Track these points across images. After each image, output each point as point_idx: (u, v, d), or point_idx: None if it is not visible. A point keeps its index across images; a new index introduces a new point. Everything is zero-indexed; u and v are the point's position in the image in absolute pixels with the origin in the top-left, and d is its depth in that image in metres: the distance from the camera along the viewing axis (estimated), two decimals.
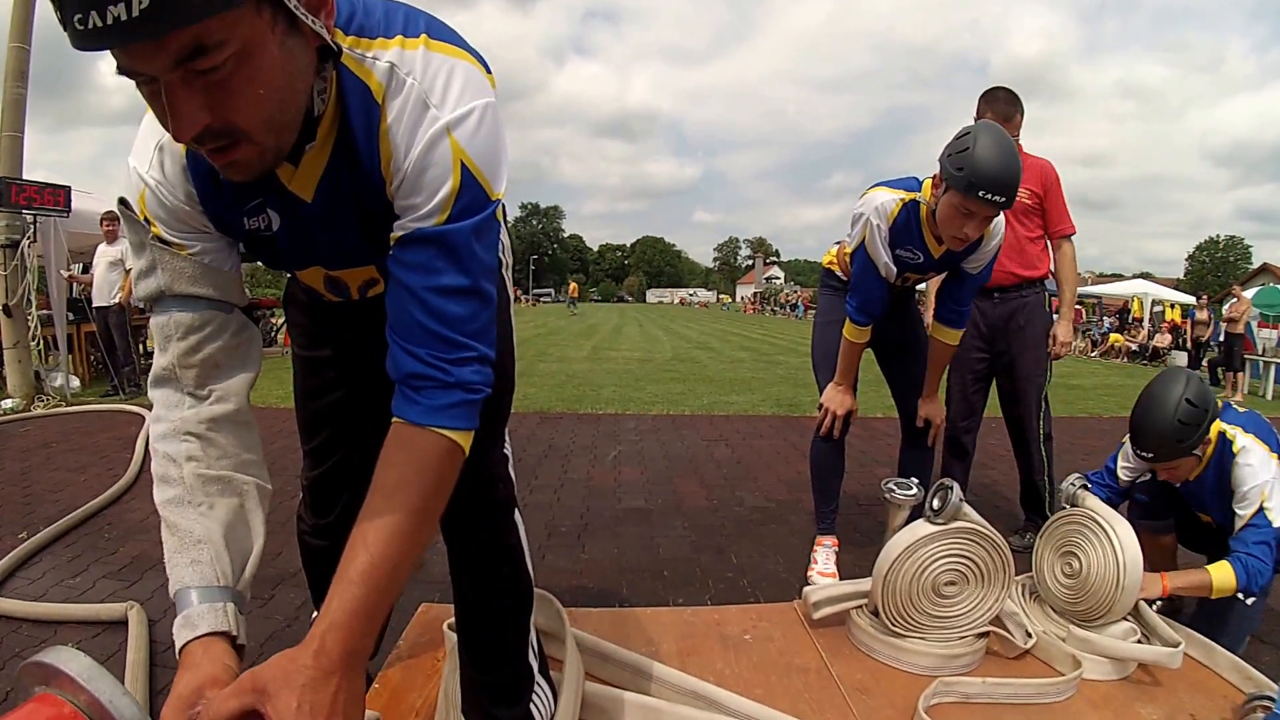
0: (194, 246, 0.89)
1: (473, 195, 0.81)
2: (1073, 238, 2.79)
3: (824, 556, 2.47)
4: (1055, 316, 2.84)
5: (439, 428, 0.81)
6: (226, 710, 0.66)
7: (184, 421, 0.89)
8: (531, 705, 1.28)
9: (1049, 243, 2.82)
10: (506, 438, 1.28)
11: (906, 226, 2.12)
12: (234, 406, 0.92)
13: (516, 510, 1.29)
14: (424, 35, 0.81)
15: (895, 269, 2.16)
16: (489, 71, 0.86)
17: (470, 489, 1.04)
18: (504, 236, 1.14)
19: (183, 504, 0.87)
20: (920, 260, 2.15)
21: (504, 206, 0.90)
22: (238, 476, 0.90)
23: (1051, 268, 2.84)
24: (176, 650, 0.76)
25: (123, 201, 0.89)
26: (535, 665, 1.31)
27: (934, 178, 2.00)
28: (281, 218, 0.90)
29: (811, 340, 2.58)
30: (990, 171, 1.79)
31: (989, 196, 1.80)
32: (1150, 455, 1.80)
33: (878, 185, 2.16)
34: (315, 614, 1.54)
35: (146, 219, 0.88)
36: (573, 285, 38.86)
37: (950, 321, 2.32)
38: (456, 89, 0.80)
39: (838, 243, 2.54)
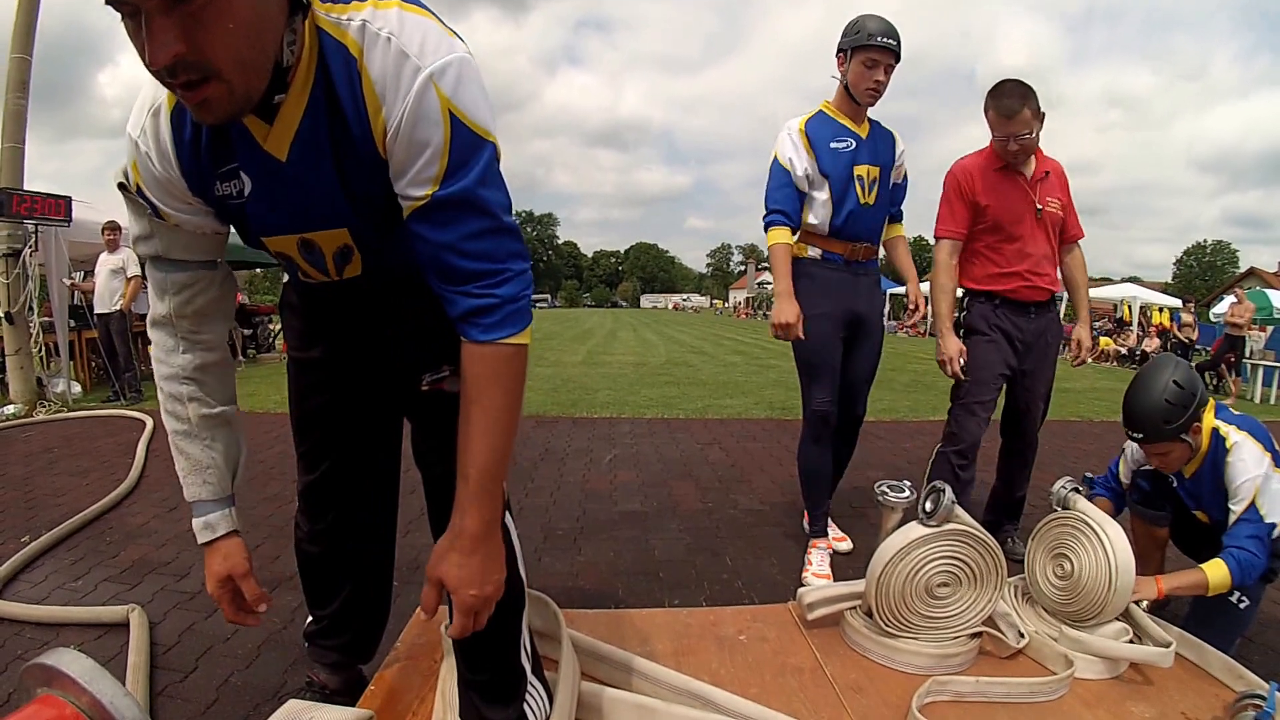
0: (182, 218, 1.01)
1: (465, 142, 0.88)
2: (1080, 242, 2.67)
3: (818, 559, 2.50)
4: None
5: (500, 340, 0.94)
6: (428, 599, 0.95)
7: (182, 368, 1.11)
8: (525, 705, 1.30)
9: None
10: None
11: (824, 124, 2.45)
12: (220, 355, 1.15)
13: (508, 513, 1.31)
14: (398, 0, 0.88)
15: (840, 173, 2.40)
16: (461, 40, 0.91)
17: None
18: None
19: (191, 437, 1.12)
20: (855, 145, 2.43)
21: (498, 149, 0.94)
22: (227, 410, 1.16)
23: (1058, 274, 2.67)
24: (199, 541, 1.11)
25: (121, 185, 1.00)
26: (528, 666, 1.33)
27: (838, 62, 2.41)
28: (254, 181, 0.96)
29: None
30: (877, 25, 2.30)
31: (883, 41, 2.28)
32: (1140, 435, 1.84)
33: None
34: (310, 619, 1.58)
35: (140, 188, 0.98)
36: None
37: (895, 219, 2.70)
38: (433, 42, 0.86)
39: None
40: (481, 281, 0.92)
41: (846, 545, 2.74)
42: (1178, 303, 16.67)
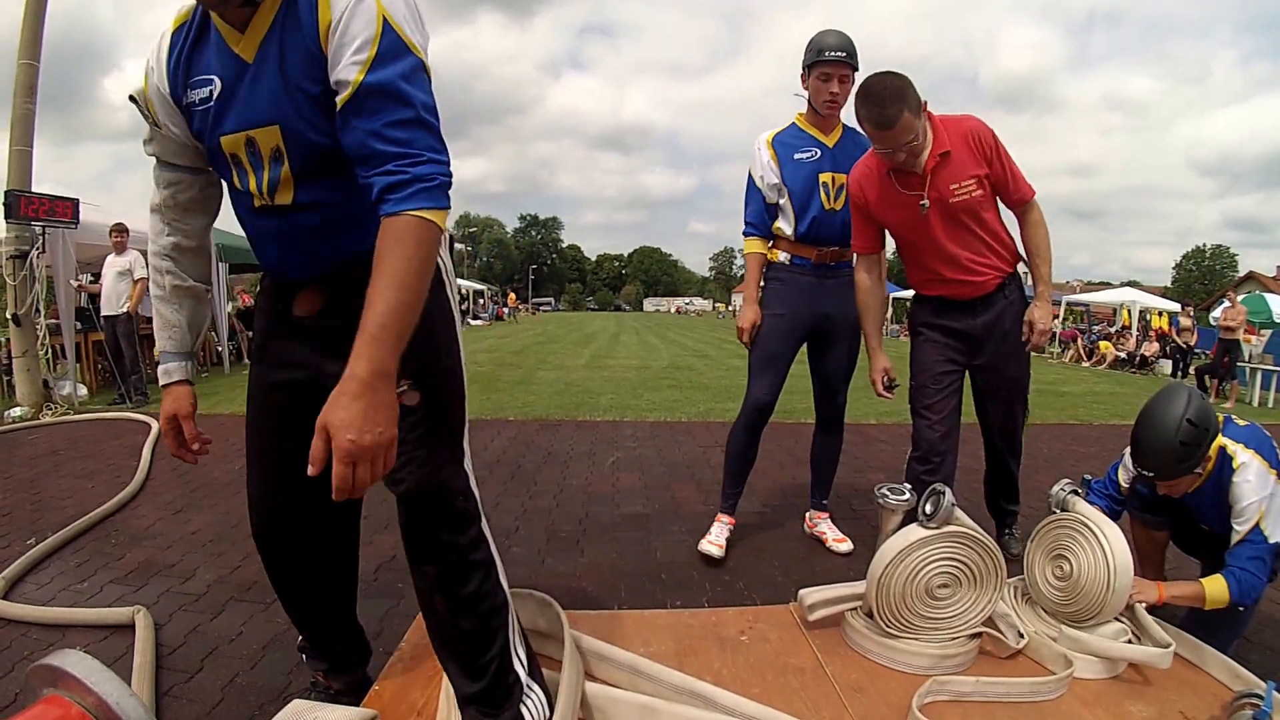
0: (171, 130, 1.24)
1: (392, 42, 1.03)
2: (1035, 200, 2.26)
3: (718, 531, 2.73)
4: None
5: (410, 211, 1.01)
6: (316, 449, 0.93)
7: (165, 247, 1.34)
8: (523, 708, 1.31)
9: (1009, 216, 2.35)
10: (467, 452, 1.31)
11: (793, 136, 2.56)
12: (196, 243, 1.37)
13: (483, 523, 1.31)
14: None
15: (802, 182, 2.50)
16: None
17: (428, 507, 1.22)
18: (445, 259, 1.28)
19: (165, 302, 1.36)
20: (820, 154, 2.52)
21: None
22: (197, 286, 1.39)
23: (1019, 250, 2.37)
24: (160, 385, 1.38)
25: (131, 98, 1.24)
26: (523, 671, 1.34)
27: (801, 79, 2.51)
28: (223, 84, 1.14)
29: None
30: (827, 39, 2.40)
31: (834, 55, 2.38)
32: (1151, 474, 1.82)
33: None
34: (300, 638, 1.62)
35: (146, 100, 1.22)
36: (511, 296, 36.85)
37: None
38: None
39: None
40: (398, 161, 1.02)
41: (846, 546, 2.76)
42: (1177, 307, 16.59)
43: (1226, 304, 10.51)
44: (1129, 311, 17.33)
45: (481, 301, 35.29)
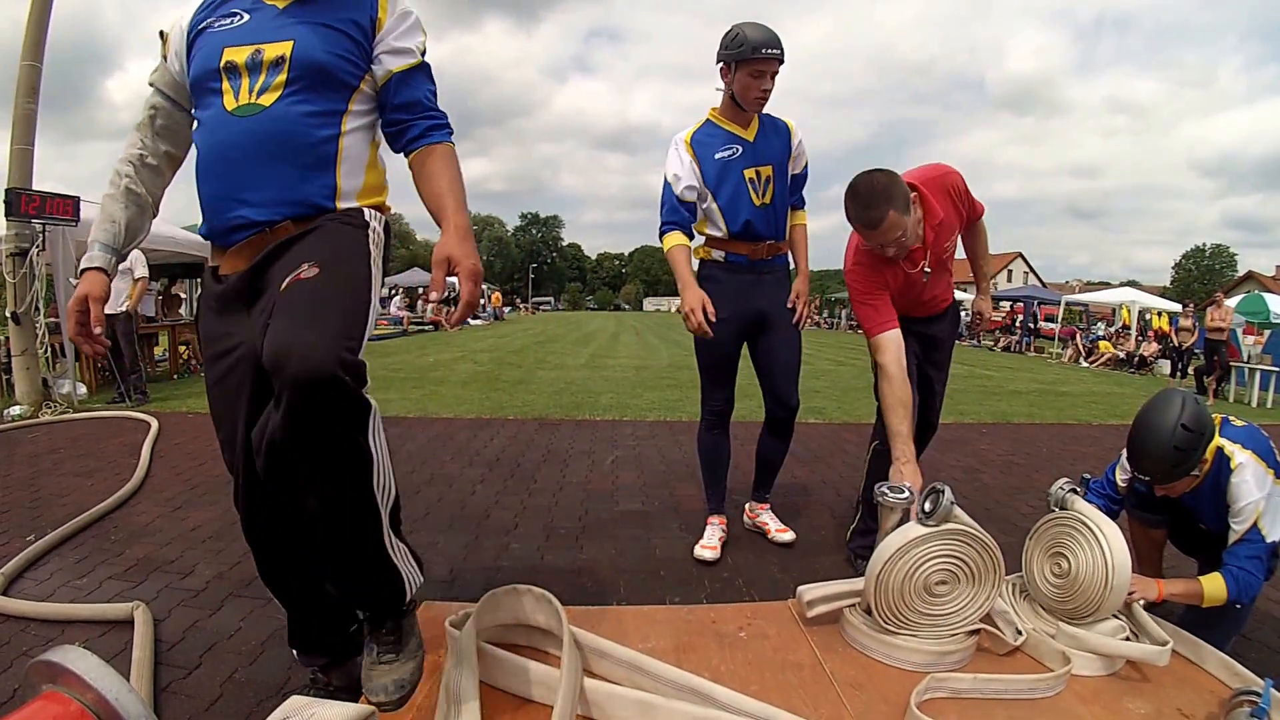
0: (175, 68, 1.45)
1: (424, 42, 1.52)
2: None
3: (710, 533, 2.73)
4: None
5: (448, 141, 1.49)
6: (438, 278, 1.26)
7: (131, 157, 1.49)
8: (404, 580, 1.39)
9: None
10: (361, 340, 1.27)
11: (711, 134, 2.52)
12: (158, 163, 1.52)
13: (373, 413, 1.26)
14: None
15: (728, 182, 2.47)
16: None
17: (314, 379, 1.13)
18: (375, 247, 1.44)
19: (113, 200, 1.47)
20: (741, 150, 2.48)
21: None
22: (146, 197, 1.51)
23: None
24: (77, 272, 1.44)
25: (161, 32, 1.48)
26: (395, 554, 1.37)
27: (721, 73, 2.46)
28: (249, 15, 1.40)
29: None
30: (760, 35, 2.33)
31: (769, 52, 2.33)
32: (1148, 479, 1.83)
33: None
34: (295, 651, 1.61)
35: (167, 37, 1.46)
36: (495, 295, 35.18)
37: (796, 205, 2.70)
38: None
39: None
40: (432, 112, 1.49)
41: (788, 536, 2.81)
42: (1177, 307, 16.59)
43: (1213, 305, 10.56)
44: (1129, 311, 17.31)
45: (481, 301, 34.45)
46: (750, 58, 2.33)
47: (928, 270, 2.29)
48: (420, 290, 25.47)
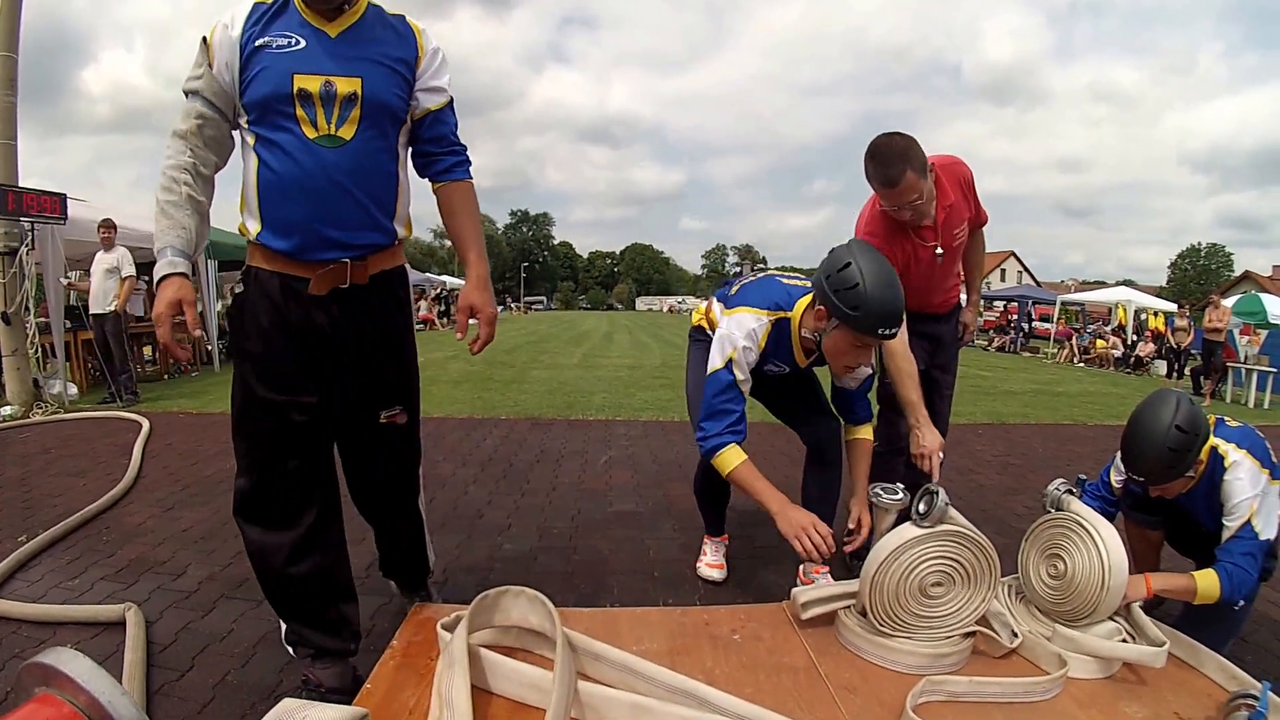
0: (225, 77, 1.47)
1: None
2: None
3: (712, 549, 2.62)
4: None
5: (469, 179, 1.70)
6: (463, 322, 1.65)
7: (185, 164, 1.51)
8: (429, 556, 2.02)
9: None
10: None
11: (777, 345, 2.10)
12: (208, 172, 1.56)
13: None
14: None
15: (751, 381, 2.14)
16: None
17: (398, 456, 1.80)
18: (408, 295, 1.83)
19: (179, 207, 1.49)
20: (785, 371, 2.18)
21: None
22: (204, 203, 1.56)
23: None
24: (155, 280, 1.48)
25: (203, 39, 1.47)
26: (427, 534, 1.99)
27: (816, 309, 1.95)
28: (305, 41, 1.46)
29: (686, 381, 2.56)
30: (886, 310, 1.79)
31: (886, 332, 1.83)
32: (1143, 479, 1.83)
33: (744, 306, 2.09)
34: (286, 628, 1.70)
35: (211, 47, 1.46)
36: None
37: (860, 421, 2.30)
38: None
39: (705, 301, 2.55)
40: (456, 146, 1.68)
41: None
42: (1173, 307, 16.64)
43: (1210, 305, 10.62)
44: (1124, 310, 17.34)
45: None
46: (867, 331, 1.84)
47: (940, 251, 2.32)
48: (414, 287, 25.43)
